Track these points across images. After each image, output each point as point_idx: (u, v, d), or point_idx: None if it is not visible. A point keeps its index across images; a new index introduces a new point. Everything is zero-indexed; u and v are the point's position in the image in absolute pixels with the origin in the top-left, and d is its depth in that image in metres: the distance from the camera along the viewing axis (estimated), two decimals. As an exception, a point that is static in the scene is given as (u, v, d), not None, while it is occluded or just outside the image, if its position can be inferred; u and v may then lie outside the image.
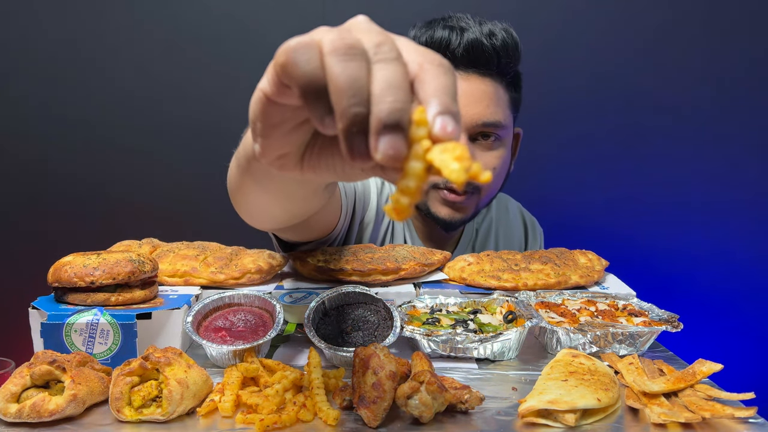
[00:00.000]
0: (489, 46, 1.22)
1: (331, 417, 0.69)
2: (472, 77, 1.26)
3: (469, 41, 1.22)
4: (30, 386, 0.72)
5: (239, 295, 0.93)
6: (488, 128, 1.27)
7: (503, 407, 0.75)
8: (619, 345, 0.92)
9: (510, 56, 1.26)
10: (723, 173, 2.00)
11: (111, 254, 0.90)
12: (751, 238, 2.02)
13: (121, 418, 0.69)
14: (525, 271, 1.15)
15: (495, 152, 1.31)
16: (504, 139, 1.32)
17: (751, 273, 2.03)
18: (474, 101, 1.24)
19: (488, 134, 1.28)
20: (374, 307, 0.94)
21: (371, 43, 0.45)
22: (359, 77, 0.43)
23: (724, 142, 1.98)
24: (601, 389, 0.72)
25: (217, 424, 0.70)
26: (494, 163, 1.31)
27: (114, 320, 0.83)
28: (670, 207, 2.02)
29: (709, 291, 2.05)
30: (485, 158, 1.30)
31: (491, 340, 0.88)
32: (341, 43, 0.44)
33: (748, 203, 2.00)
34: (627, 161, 2.00)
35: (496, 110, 1.26)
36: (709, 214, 2.01)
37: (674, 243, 2.03)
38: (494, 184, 1.36)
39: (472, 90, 1.25)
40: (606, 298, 1.07)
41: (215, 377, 0.80)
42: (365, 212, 1.39)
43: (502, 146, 1.32)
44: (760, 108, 1.96)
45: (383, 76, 0.44)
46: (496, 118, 1.26)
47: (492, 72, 1.26)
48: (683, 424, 0.70)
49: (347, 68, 0.43)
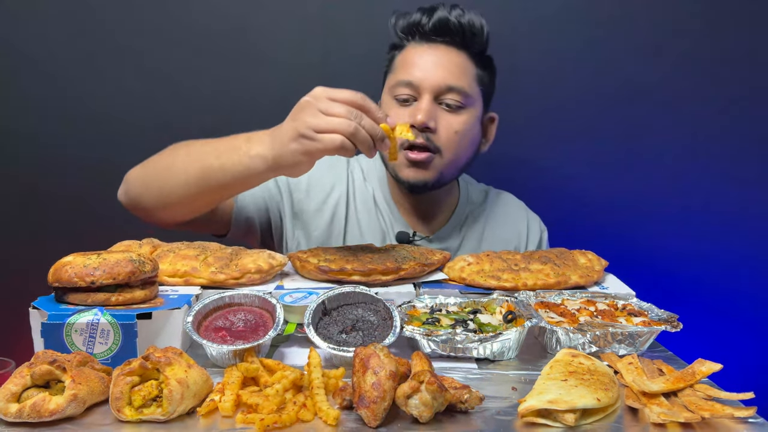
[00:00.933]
0: (455, 20, 1.36)
1: (331, 417, 0.69)
2: (440, 47, 1.39)
3: (438, 17, 1.37)
4: (30, 386, 0.72)
5: (239, 295, 0.94)
6: (452, 92, 1.36)
7: (503, 407, 0.75)
8: (619, 345, 0.92)
9: (474, 32, 1.38)
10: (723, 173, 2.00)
11: (111, 254, 0.90)
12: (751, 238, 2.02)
13: (121, 418, 0.69)
14: (525, 271, 1.15)
15: (458, 117, 1.38)
16: (468, 108, 1.40)
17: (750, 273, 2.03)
18: (440, 66, 1.37)
19: (453, 99, 1.37)
20: (374, 307, 0.94)
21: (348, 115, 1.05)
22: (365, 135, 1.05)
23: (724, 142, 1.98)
24: (600, 389, 0.72)
25: (218, 424, 0.70)
26: (456, 127, 1.38)
27: (114, 320, 0.83)
28: (670, 207, 2.02)
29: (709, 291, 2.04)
30: (447, 119, 1.38)
31: (491, 340, 0.89)
32: (349, 130, 1.05)
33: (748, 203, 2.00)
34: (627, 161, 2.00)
35: (460, 77, 1.37)
36: (709, 213, 2.01)
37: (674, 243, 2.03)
38: (457, 149, 1.40)
39: (439, 56, 1.38)
40: (605, 298, 1.07)
41: (215, 377, 0.80)
42: (293, 206, 1.50)
43: (466, 113, 1.40)
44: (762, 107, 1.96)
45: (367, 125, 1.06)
46: (460, 84, 1.37)
47: (458, 43, 1.39)
48: (683, 424, 0.70)
49: (359, 135, 1.05)
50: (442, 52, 1.38)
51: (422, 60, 1.38)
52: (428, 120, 1.34)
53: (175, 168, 1.22)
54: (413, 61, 1.39)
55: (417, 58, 1.39)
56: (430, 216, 1.54)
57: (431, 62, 1.37)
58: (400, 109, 1.39)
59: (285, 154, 1.07)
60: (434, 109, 1.36)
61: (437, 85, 1.36)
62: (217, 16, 1.93)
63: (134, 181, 1.31)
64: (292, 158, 1.06)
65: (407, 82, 1.37)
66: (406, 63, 1.40)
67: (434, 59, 1.37)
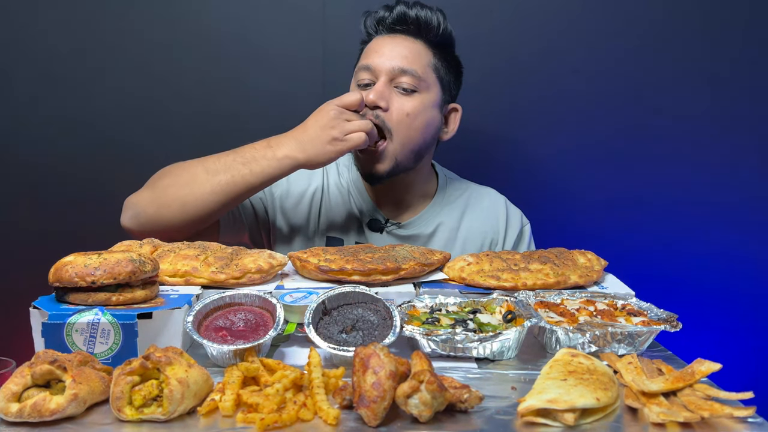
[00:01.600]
0: (413, 14, 1.48)
1: (331, 416, 0.69)
2: (398, 36, 1.50)
3: (398, 12, 1.49)
4: (31, 386, 0.72)
5: (240, 294, 0.94)
6: (405, 74, 1.45)
7: (502, 406, 0.75)
8: (618, 344, 0.92)
9: (429, 22, 1.48)
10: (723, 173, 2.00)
11: (112, 254, 0.90)
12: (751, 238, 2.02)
13: (121, 418, 0.69)
14: (524, 270, 1.15)
15: (410, 99, 1.46)
16: (421, 92, 1.47)
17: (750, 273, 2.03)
18: (395, 52, 1.47)
19: (406, 82, 1.45)
20: (374, 307, 0.94)
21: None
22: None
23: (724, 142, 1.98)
24: (600, 389, 0.72)
25: (218, 424, 0.70)
26: (407, 109, 1.45)
27: (115, 320, 0.83)
28: (669, 207, 2.02)
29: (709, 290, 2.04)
30: (400, 101, 1.45)
31: (491, 339, 0.89)
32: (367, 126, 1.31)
33: (748, 203, 2.00)
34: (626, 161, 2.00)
35: (413, 61, 1.46)
36: (708, 213, 2.01)
37: (673, 243, 2.03)
38: (410, 131, 1.46)
39: (395, 44, 1.48)
40: (605, 297, 1.07)
41: (216, 377, 0.80)
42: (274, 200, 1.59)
43: (418, 97, 1.47)
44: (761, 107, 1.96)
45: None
46: (413, 67, 1.45)
47: (413, 33, 1.49)
48: (682, 424, 0.70)
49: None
50: (399, 40, 1.50)
51: (381, 47, 1.49)
52: (379, 99, 1.42)
53: (198, 182, 1.35)
54: (374, 48, 1.50)
55: (378, 46, 1.50)
56: (404, 204, 1.60)
57: (389, 49, 1.48)
58: (359, 93, 1.46)
59: (320, 154, 1.34)
60: (387, 90, 1.45)
61: (391, 68, 1.45)
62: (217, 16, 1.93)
63: (146, 204, 1.38)
64: (326, 157, 1.35)
65: (366, 66, 1.48)
66: (368, 51, 1.52)
67: (392, 46, 1.48)
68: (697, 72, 1.95)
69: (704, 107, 1.97)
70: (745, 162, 1.99)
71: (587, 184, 2.02)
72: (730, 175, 2.00)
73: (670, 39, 1.94)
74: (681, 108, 1.97)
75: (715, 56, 1.94)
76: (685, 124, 1.98)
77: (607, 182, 2.02)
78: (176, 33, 1.93)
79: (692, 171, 2.00)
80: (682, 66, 1.95)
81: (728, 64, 1.94)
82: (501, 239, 1.61)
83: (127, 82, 1.94)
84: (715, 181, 2.00)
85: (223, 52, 1.94)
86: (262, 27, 1.93)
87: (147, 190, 1.41)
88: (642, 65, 1.95)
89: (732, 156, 1.99)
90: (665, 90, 1.97)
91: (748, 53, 1.94)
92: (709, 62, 1.95)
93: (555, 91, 1.97)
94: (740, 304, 2.05)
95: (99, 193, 1.96)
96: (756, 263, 2.03)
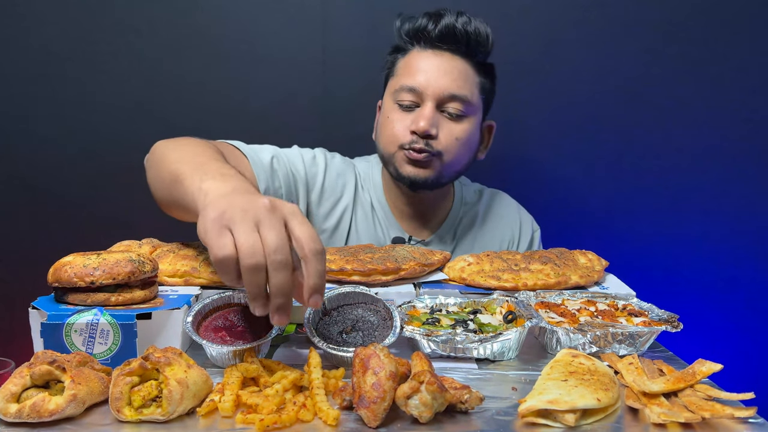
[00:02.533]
0: (461, 28, 1.37)
1: (331, 417, 0.69)
2: (445, 54, 1.39)
3: (444, 24, 1.37)
4: (30, 386, 0.72)
5: (239, 295, 0.93)
6: (455, 100, 1.37)
7: (503, 407, 0.75)
8: (619, 345, 0.92)
9: (480, 41, 1.39)
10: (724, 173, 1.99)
11: (111, 254, 0.90)
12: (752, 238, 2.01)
13: (121, 418, 0.69)
14: (525, 271, 1.15)
15: (459, 124, 1.40)
16: (469, 116, 1.41)
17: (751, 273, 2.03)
18: (444, 74, 1.37)
19: (454, 108, 1.38)
20: (374, 307, 0.94)
21: (270, 250, 0.75)
22: (261, 284, 0.76)
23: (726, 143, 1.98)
24: (600, 389, 0.72)
25: (217, 424, 0.70)
26: (457, 134, 1.40)
27: (114, 320, 0.83)
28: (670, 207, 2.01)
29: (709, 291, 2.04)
30: (449, 127, 1.39)
31: (491, 340, 0.88)
32: (250, 261, 0.74)
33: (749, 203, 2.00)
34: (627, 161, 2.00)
35: (463, 85, 1.38)
36: (709, 214, 2.01)
37: (674, 243, 2.03)
38: (457, 155, 1.42)
39: (443, 64, 1.38)
40: (606, 298, 1.07)
41: (215, 377, 0.80)
42: (310, 195, 1.49)
43: (468, 121, 1.41)
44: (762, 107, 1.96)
45: (275, 281, 0.75)
46: (463, 92, 1.38)
47: (462, 51, 1.39)
48: (683, 424, 0.70)
49: (253, 279, 0.75)
50: (446, 59, 1.39)
51: (426, 66, 1.38)
52: (430, 128, 1.36)
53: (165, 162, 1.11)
54: (417, 66, 1.39)
55: (421, 63, 1.39)
56: (425, 219, 1.55)
57: (435, 69, 1.38)
58: (402, 114, 1.40)
59: (201, 225, 0.81)
60: (436, 117, 1.38)
61: (440, 93, 1.37)
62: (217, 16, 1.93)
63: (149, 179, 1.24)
64: (199, 230, 0.81)
65: (410, 87, 1.38)
66: (409, 68, 1.41)
67: (438, 66, 1.38)
68: (699, 72, 1.95)
69: (706, 108, 1.97)
70: (747, 163, 1.99)
71: (588, 184, 2.02)
72: (732, 175, 2.00)
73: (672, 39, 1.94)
74: (683, 109, 1.97)
75: (717, 56, 1.94)
76: (687, 125, 1.98)
77: (608, 182, 2.02)
78: (176, 33, 1.93)
79: (694, 171, 2.00)
80: (681, 66, 1.95)
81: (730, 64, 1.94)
82: (515, 246, 1.61)
83: (127, 82, 1.94)
84: (717, 181, 2.00)
85: (223, 52, 1.94)
86: (262, 27, 1.93)
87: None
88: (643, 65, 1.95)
89: (734, 157, 1.99)
90: (667, 90, 1.96)
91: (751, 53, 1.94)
92: (712, 62, 1.94)
93: (556, 91, 1.97)
94: (741, 305, 2.05)
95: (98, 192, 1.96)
96: (757, 264, 2.03)
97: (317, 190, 1.50)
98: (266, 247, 0.74)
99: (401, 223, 1.54)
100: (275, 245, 0.74)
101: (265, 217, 0.76)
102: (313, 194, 1.50)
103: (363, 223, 1.53)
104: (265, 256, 0.74)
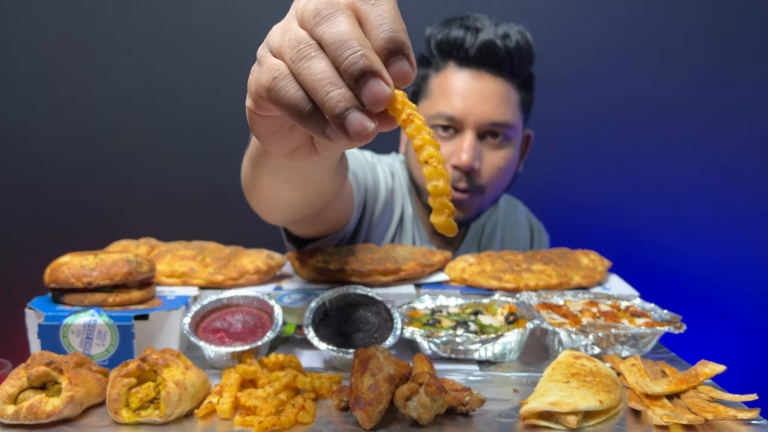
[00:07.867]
0: (502, 47, 1.24)
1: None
2: (485, 76, 1.27)
3: (483, 41, 1.24)
4: (27, 388, 0.71)
5: (238, 296, 0.93)
6: (497, 127, 1.28)
7: (504, 409, 0.74)
8: (622, 346, 0.91)
9: (523, 58, 1.27)
10: (726, 173, 1.99)
11: (108, 254, 0.89)
12: (755, 239, 2.01)
13: (118, 420, 0.68)
14: (526, 271, 1.14)
15: (502, 152, 1.32)
16: (512, 140, 1.33)
17: (754, 274, 2.02)
18: (484, 100, 1.26)
19: (496, 133, 1.29)
20: (375, 309, 0.93)
21: (310, 17, 0.50)
22: (322, 67, 0.48)
23: (727, 142, 1.98)
24: (603, 391, 0.72)
25: (215, 426, 0.69)
26: (499, 163, 1.32)
27: (111, 321, 0.82)
28: (673, 207, 2.01)
29: (713, 292, 2.04)
30: (492, 157, 1.31)
31: (492, 341, 0.88)
32: (295, 52, 0.50)
33: (752, 203, 2.00)
34: (629, 161, 2.00)
35: (506, 110, 1.28)
36: (712, 214, 2.01)
37: (677, 244, 2.02)
38: (499, 183, 1.36)
39: (483, 89, 1.26)
40: (608, 298, 1.06)
41: (213, 379, 0.79)
42: (375, 205, 1.39)
43: (510, 146, 1.33)
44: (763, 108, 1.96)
45: (330, 36, 0.48)
46: (505, 119, 1.28)
47: (504, 72, 1.28)
48: (686, 426, 0.69)
49: (311, 67, 0.49)
50: (486, 83, 1.26)
51: (465, 91, 1.26)
52: (473, 161, 1.25)
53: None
54: (454, 89, 1.27)
55: (459, 86, 1.27)
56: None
57: (476, 95, 1.25)
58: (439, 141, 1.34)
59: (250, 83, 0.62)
60: (478, 148, 1.27)
61: (482, 122, 1.26)
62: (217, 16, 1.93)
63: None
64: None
65: (449, 116, 1.27)
66: (446, 91, 1.28)
67: (479, 92, 1.26)
68: (702, 72, 1.95)
69: (710, 107, 1.96)
70: (751, 163, 1.99)
71: (591, 185, 2.01)
72: (735, 176, 1.99)
73: (674, 39, 1.93)
74: (686, 108, 1.97)
75: (720, 56, 1.93)
76: (689, 125, 1.98)
77: (611, 183, 2.01)
78: (176, 33, 1.93)
79: (697, 171, 2.00)
80: (686, 66, 1.94)
81: (734, 63, 1.94)
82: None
83: (126, 81, 1.94)
84: (720, 182, 2.00)
85: (223, 51, 1.94)
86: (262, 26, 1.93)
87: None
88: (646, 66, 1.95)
89: (738, 157, 1.98)
90: (670, 90, 1.96)
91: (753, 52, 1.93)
92: (714, 61, 1.94)
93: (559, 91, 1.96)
94: (744, 306, 2.05)
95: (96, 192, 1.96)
96: (760, 265, 2.03)
97: (380, 203, 1.40)
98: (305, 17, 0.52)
99: (429, 236, 1.48)
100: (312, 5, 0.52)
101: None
102: (376, 207, 1.40)
103: (408, 240, 1.46)
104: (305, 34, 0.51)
